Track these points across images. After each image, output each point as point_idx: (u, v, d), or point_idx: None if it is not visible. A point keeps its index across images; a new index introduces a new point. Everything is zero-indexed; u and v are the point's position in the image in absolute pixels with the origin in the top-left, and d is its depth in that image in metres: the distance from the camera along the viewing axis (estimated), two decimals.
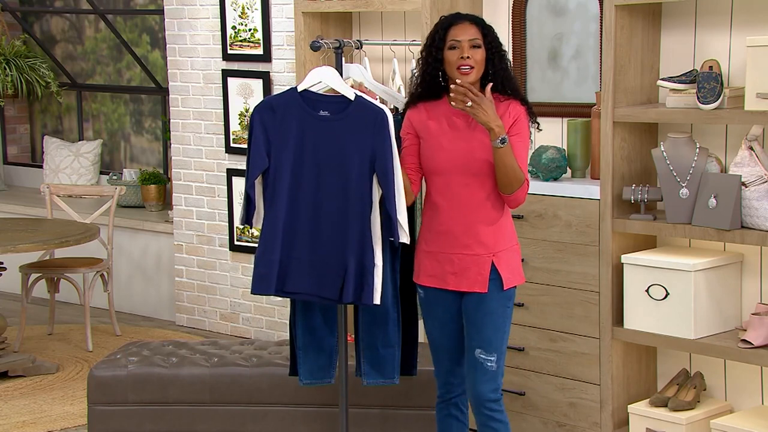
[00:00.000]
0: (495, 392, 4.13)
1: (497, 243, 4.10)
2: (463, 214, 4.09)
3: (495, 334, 4.11)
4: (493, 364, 4.11)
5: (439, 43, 4.06)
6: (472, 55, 4.02)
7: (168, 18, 7.47)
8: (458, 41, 4.02)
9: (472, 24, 4.06)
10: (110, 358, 5.17)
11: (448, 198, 4.10)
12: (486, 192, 4.08)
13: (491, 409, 4.13)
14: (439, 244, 4.14)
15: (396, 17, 6.10)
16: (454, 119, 4.12)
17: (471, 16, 4.10)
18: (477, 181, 4.07)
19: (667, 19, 4.98)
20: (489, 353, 4.10)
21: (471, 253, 4.09)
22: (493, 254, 4.10)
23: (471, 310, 4.13)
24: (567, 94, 5.48)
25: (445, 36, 4.06)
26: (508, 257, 4.13)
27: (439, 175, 4.11)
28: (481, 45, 4.05)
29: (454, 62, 4.03)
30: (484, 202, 4.08)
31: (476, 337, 4.11)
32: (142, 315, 7.97)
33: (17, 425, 5.67)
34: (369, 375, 4.46)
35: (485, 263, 4.09)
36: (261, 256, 4.24)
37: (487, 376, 4.11)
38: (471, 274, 4.10)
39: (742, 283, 4.85)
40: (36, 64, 8.93)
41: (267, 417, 4.98)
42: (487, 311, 4.10)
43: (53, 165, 8.78)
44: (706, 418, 4.80)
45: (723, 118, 4.59)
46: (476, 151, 4.05)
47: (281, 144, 4.22)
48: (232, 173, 7.18)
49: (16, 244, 6.18)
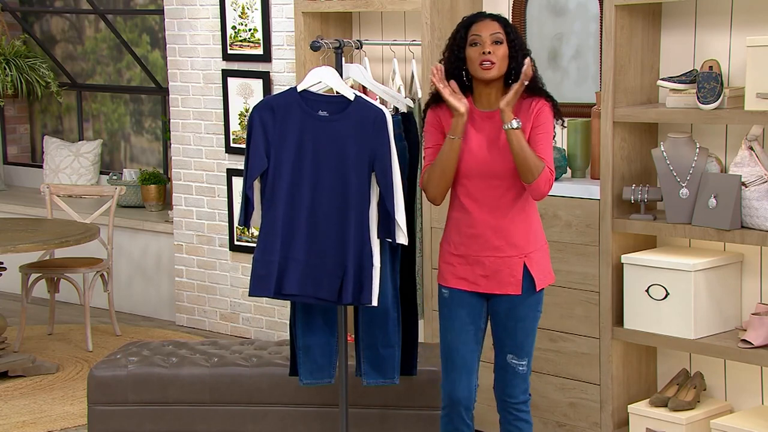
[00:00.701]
0: (525, 393, 4.16)
1: (528, 244, 4.07)
2: (493, 216, 4.04)
3: (526, 339, 4.11)
4: (525, 367, 4.13)
5: (460, 42, 4.02)
6: (494, 51, 3.97)
7: (168, 18, 7.47)
8: (479, 36, 3.98)
9: (494, 21, 4.02)
10: (110, 358, 5.17)
11: (477, 200, 4.05)
12: (515, 193, 4.03)
13: (520, 410, 4.15)
14: (470, 246, 4.08)
15: (396, 17, 6.10)
16: (480, 120, 4.07)
17: (493, 14, 4.07)
18: (506, 183, 4.02)
19: (667, 19, 4.98)
20: (521, 358, 4.11)
21: (503, 255, 4.05)
22: (525, 255, 4.06)
23: (502, 314, 4.10)
24: (567, 94, 5.47)
25: (466, 34, 4.02)
26: (539, 257, 4.10)
27: (468, 179, 4.05)
28: (503, 41, 4.00)
29: (475, 59, 3.98)
30: (514, 203, 4.04)
31: (508, 342, 4.10)
32: (142, 315, 7.97)
33: (17, 425, 5.67)
34: (369, 375, 4.46)
35: (517, 265, 4.05)
36: (260, 258, 4.23)
37: (518, 379, 4.13)
38: (503, 276, 4.06)
39: (742, 283, 4.85)
40: (36, 64, 8.93)
41: (267, 417, 4.97)
42: (519, 317, 4.08)
43: (53, 165, 8.78)
44: (706, 418, 4.79)
45: (723, 118, 4.59)
46: (503, 152, 4.01)
47: (280, 144, 4.22)
48: (232, 173, 7.18)
49: (16, 244, 6.17)
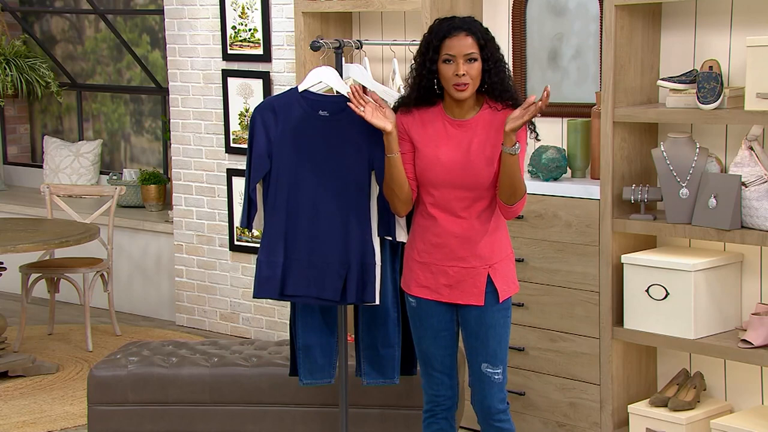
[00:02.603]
0: (502, 402, 4.10)
1: (493, 254, 4.01)
2: (460, 226, 3.97)
3: (499, 346, 4.06)
4: (500, 376, 4.07)
5: (433, 55, 3.91)
6: (468, 71, 3.87)
7: (168, 18, 7.47)
8: (452, 56, 3.87)
9: (468, 35, 3.88)
10: (110, 358, 5.17)
11: (444, 210, 3.98)
12: (483, 204, 3.97)
13: (500, 419, 4.10)
14: (434, 255, 4.02)
15: (396, 17, 6.10)
16: (450, 129, 3.98)
17: (468, 24, 3.91)
18: (474, 194, 3.95)
19: (667, 19, 4.98)
20: (495, 366, 4.06)
21: (467, 266, 3.99)
22: (489, 266, 4.01)
23: (472, 324, 4.06)
24: (567, 94, 5.47)
25: (439, 47, 3.89)
26: (503, 267, 4.04)
27: (435, 188, 3.98)
28: (477, 58, 3.89)
29: (449, 78, 3.88)
30: (482, 215, 3.98)
31: (482, 351, 4.05)
32: (142, 315, 7.97)
33: (17, 425, 5.68)
34: (369, 375, 4.46)
35: (481, 276, 4.00)
36: (264, 259, 4.23)
37: (494, 389, 4.07)
38: (466, 286, 4.01)
39: (742, 283, 4.85)
40: (36, 64, 8.93)
41: (267, 417, 4.98)
42: (490, 325, 4.03)
43: (53, 165, 8.78)
44: (706, 418, 4.80)
45: (723, 118, 4.59)
46: (474, 164, 3.93)
47: (282, 145, 4.22)
48: (232, 173, 7.18)
49: (16, 244, 6.17)
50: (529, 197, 5.05)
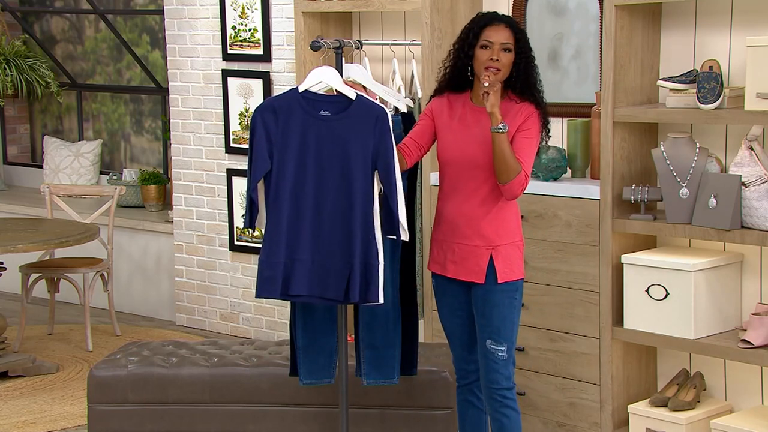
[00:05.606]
0: (507, 380, 4.21)
1: (498, 237, 4.19)
2: (467, 205, 4.20)
3: (503, 323, 4.19)
4: (504, 353, 4.20)
5: (472, 40, 4.18)
6: (501, 58, 4.14)
7: (168, 18, 7.47)
8: (491, 42, 4.15)
9: (506, 27, 4.17)
10: (110, 358, 5.17)
11: (456, 189, 4.23)
12: (492, 185, 4.17)
13: (504, 396, 4.20)
14: (444, 232, 4.27)
15: (396, 17, 6.10)
16: (469, 115, 4.24)
17: (507, 18, 4.20)
18: (483, 175, 4.17)
19: (667, 19, 4.99)
20: (499, 343, 4.19)
21: (471, 244, 4.21)
22: (493, 248, 4.19)
23: (479, 301, 4.22)
24: (567, 94, 5.48)
25: (479, 34, 4.17)
26: (507, 251, 4.21)
27: (450, 166, 4.24)
28: (511, 49, 4.16)
29: (483, 61, 4.15)
30: (488, 196, 4.18)
31: (486, 328, 4.21)
32: (142, 315, 7.97)
33: (17, 425, 5.67)
34: (369, 375, 4.46)
35: (483, 255, 4.19)
36: (266, 259, 4.23)
37: (498, 365, 4.20)
38: (469, 264, 4.21)
39: (742, 283, 4.86)
40: (36, 64, 8.93)
41: (267, 417, 4.98)
42: (494, 303, 4.19)
43: (53, 165, 8.78)
44: (706, 418, 4.80)
45: (723, 118, 4.59)
46: (487, 145, 4.14)
47: (283, 145, 4.22)
48: (232, 173, 7.18)
49: (16, 244, 6.17)
50: (529, 197, 5.06)
